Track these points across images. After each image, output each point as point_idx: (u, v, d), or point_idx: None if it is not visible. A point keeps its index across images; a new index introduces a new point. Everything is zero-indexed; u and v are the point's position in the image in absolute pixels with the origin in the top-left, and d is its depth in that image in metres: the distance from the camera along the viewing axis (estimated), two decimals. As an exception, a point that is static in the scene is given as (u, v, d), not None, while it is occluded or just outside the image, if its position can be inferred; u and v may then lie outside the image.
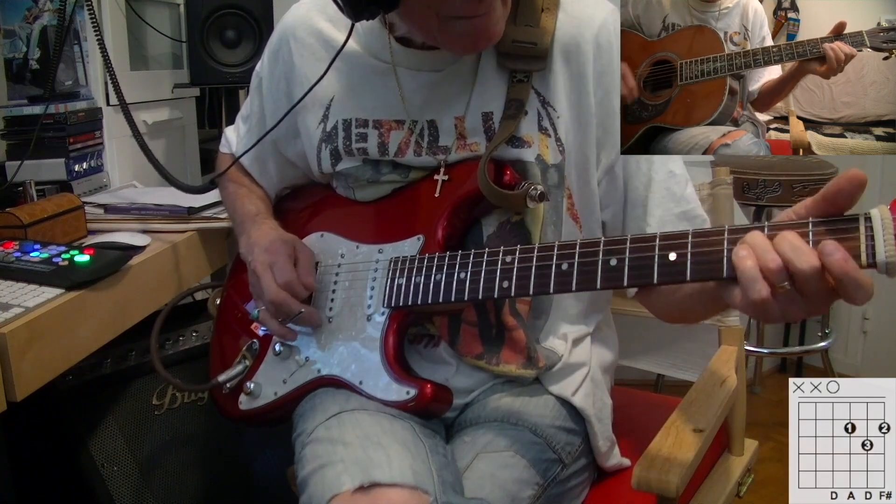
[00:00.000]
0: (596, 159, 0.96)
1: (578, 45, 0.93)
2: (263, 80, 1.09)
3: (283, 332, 0.98)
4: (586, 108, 0.94)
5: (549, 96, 0.94)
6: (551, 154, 0.94)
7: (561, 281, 0.77)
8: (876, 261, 0.61)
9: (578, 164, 0.96)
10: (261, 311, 0.99)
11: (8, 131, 1.44)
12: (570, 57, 0.94)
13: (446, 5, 0.82)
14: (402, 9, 0.83)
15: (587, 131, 0.95)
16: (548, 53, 0.93)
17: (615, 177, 0.98)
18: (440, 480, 0.81)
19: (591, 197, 0.98)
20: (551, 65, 0.93)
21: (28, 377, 0.92)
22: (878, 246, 0.61)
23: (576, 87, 0.94)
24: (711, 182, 1.15)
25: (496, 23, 0.87)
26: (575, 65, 0.93)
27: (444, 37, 0.86)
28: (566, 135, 0.94)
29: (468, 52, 0.92)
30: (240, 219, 1.10)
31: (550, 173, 0.94)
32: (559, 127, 0.94)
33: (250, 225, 1.06)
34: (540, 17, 0.93)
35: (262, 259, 0.98)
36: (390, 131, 0.98)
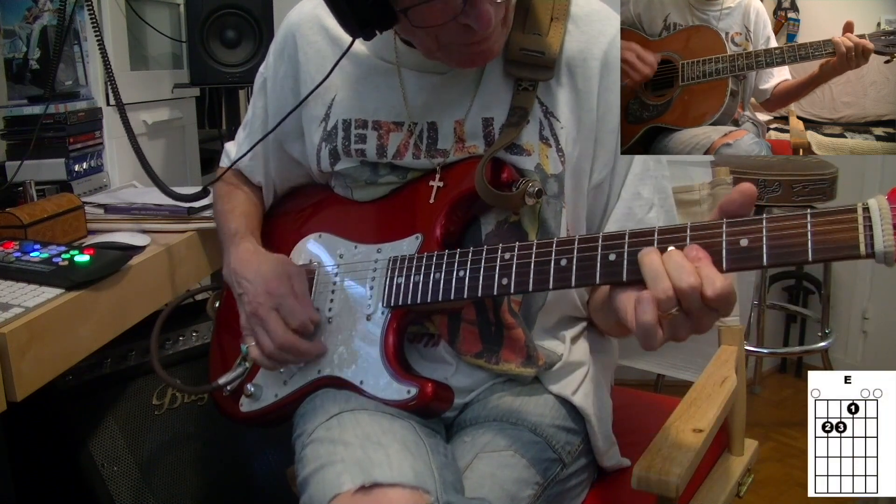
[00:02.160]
0: (589, 173, 0.97)
1: (586, 60, 0.93)
2: (268, 79, 1.09)
3: (271, 366, 0.98)
4: (587, 123, 0.94)
5: (552, 106, 0.94)
6: (552, 164, 0.94)
7: (560, 277, 0.77)
8: (874, 251, 0.61)
9: (575, 176, 0.96)
10: (249, 349, 0.99)
11: (8, 131, 1.44)
12: (576, 71, 0.93)
13: (445, 33, 0.83)
14: (401, 29, 0.83)
15: (586, 145, 0.95)
16: (555, 64, 0.92)
17: (602, 192, 0.98)
18: (441, 480, 0.81)
19: (581, 209, 0.99)
20: (557, 75, 0.93)
21: (28, 377, 0.92)
22: (876, 236, 0.61)
23: (579, 101, 0.94)
24: (711, 182, 1.16)
25: (495, 42, 0.87)
26: (581, 79, 0.93)
27: (442, 55, 0.87)
28: (567, 146, 0.94)
29: (467, 67, 0.92)
30: (222, 238, 1.10)
31: (550, 183, 0.94)
32: (561, 137, 0.94)
33: (229, 245, 1.05)
34: (549, 26, 0.93)
35: (262, 301, 0.95)
36: (389, 133, 0.98)
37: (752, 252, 0.66)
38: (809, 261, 0.64)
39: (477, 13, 0.80)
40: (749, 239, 0.67)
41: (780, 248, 0.65)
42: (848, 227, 0.62)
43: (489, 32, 0.82)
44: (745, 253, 0.67)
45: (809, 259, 0.64)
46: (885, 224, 0.61)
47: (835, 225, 0.63)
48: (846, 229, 0.62)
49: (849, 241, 0.62)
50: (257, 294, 0.97)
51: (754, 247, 0.66)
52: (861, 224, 0.62)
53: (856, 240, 0.62)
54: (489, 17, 0.80)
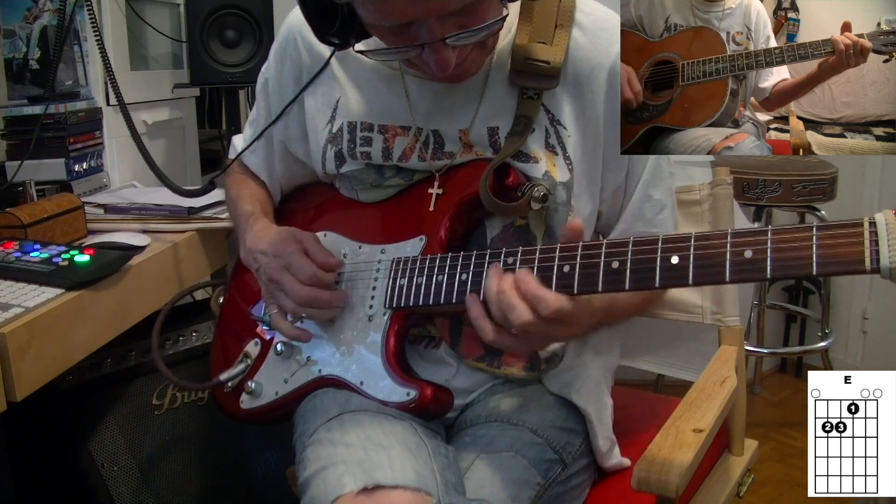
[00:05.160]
0: (601, 180, 0.97)
1: (594, 70, 0.92)
2: (270, 80, 1.09)
3: (296, 334, 0.97)
4: (594, 131, 0.94)
5: (559, 114, 0.94)
6: (559, 172, 0.94)
7: (563, 284, 0.77)
8: (880, 266, 0.60)
9: (583, 184, 0.96)
10: (272, 316, 0.98)
11: (8, 131, 1.44)
12: (582, 80, 0.93)
13: (418, 66, 0.86)
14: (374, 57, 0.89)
15: (595, 153, 0.95)
16: (560, 73, 0.92)
17: (619, 194, 0.99)
18: (443, 481, 0.81)
19: (588, 218, 0.98)
20: (563, 83, 0.93)
21: (28, 377, 0.92)
22: (882, 251, 0.60)
23: (585, 110, 0.93)
24: (711, 182, 1.15)
25: (471, 65, 0.89)
26: (587, 89, 0.93)
27: (420, 71, 0.89)
28: (575, 153, 0.94)
29: (445, 82, 0.93)
30: (237, 222, 1.10)
31: (559, 191, 0.93)
32: (568, 145, 0.94)
33: (245, 227, 1.05)
34: (553, 33, 0.92)
35: (274, 265, 0.95)
36: (395, 137, 0.98)
37: (755, 264, 0.66)
38: (814, 274, 0.64)
39: (435, 59, 0.82)
40: (753, 251, 0.66)
41: (784, 261, 0.65)
42: (854, 241, 0.62)
43: (452, 71, 0.84)
44: (748, 265, 0.66)
45: (814, 273, 0.63)
46: (891, 239, 0.60)
47: (840, 239, 0.62)
48: (852, 244, 0.62)
49: (854, 255, 0.61)
50: (269, 261, 0.96)
51: (758, 259, 0.66)
52: (867, 239, 0.61)
53: (861, 254, 0.61)
54: (447, 62, 0.82)
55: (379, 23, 0.80)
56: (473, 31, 0.80)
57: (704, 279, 0.69)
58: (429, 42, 0.80)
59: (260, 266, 0.98)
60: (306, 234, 0.98)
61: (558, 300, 0.75)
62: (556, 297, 0.75)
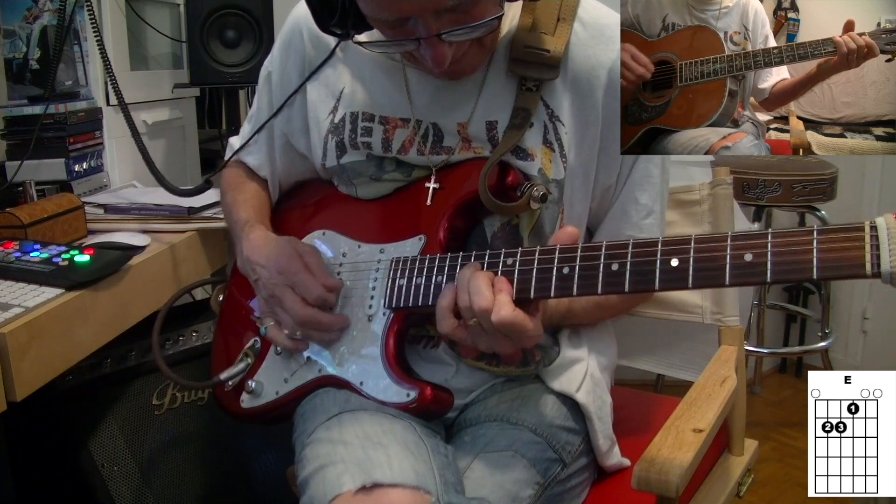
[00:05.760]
0: (594, 178, 0.97)
1: (593, 68, 0.92)
2: (273, 72, 1.09)
3: (294, 346, 0.98)
4: (591, 129, 0.94)
5: (557, 109, 0.94)
6: (554, 169, 0.94)
7: (562, 285, 0.77)
8: (881, 270, 0.60)
9: (576, 182, 0.96)
10: (268, 328, 0.99)
11: (8, 131, 1.44)
12: (582, 76, 0.93)
13: (417, 60, 0.87)
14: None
15: (591, 151, 0.95)
16: (560, 63, 0.92)
17: (608, 194, 0.99)
18: (442, 481, 0.81)
19: (581, 215, 0.99)
20: (562, 76, 0.93)
21: (28, 377, 0.92)
22: (882, 255, 0.60)
23: (583, 107, 0.94)
24: (711, 182, 1.15)
25: (469, 63, 0.89)
26: (586, 86, 0.93)
27: (418, 65, 0.90)
28: (570, 151, 0.94)
29: (442, 78, 0.93)
30: (233, 228, 1.10)
31: (551, 188, 0.94)
32: (565, 142, 0.94)
33: (241, 235, 1.05)
34: (555, 26, 0.93)
35: (276, 281, 0.95)
36: (395, 129, 0.98)
37: (756, 267, 0.66)
38: (814, 278, 0.63)
39: (431, 53, 0.83)
40: (753, 254, 0.66)
41: (784, 265, 0.64)
42: (854, 245, 0.61)
43: (448, 68, 0.85)
44: (748, 268, 0.66)
45: (814, 277, 0.63)
46: (892, 244, 0.59)
47: (841, 243, 0.62)
48: (852, 248, 0.61)
49: (855, 260, 0.61)
50: (271, 276, 0.96)
51: (758, 262, 0.66)
52: (868, 243, 0.61)
53: (862, 259, 0.61)
54: (443, 58, 0.83)
55: (377, 16, 0.82)
56: (469, 28, 0.81)
57: (704, 282, 0.69)
58: (424, 37, 0.81)
59: (259, 279, 0.98)
60: (306, 248, 0.98)
61: (519, 316, 0.78)
62: (520, 314, 0.78)
